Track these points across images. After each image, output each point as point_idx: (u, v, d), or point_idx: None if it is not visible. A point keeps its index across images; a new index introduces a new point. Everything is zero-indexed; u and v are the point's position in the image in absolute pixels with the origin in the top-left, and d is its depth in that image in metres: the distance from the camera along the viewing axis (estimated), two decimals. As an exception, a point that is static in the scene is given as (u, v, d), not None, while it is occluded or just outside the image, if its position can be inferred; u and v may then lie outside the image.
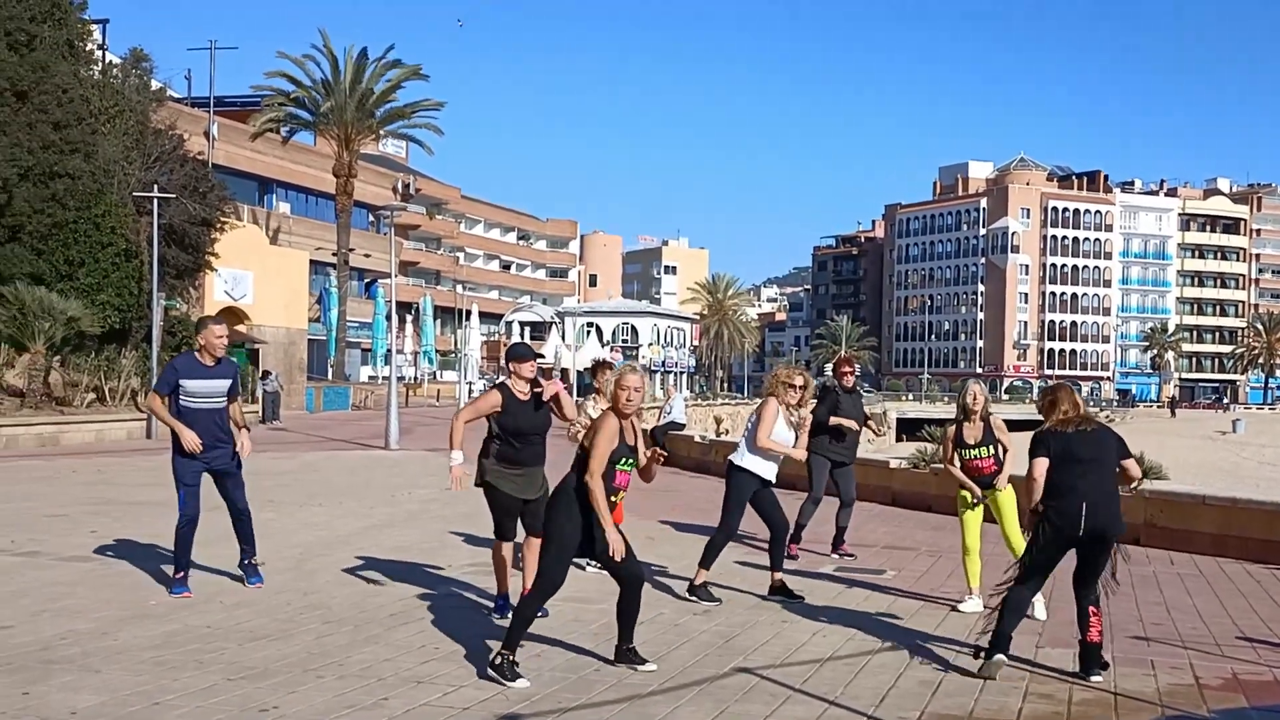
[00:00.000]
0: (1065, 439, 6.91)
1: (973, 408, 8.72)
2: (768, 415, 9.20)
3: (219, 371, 8.78)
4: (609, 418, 6.76)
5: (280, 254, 49.92)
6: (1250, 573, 10.82)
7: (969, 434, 8.76)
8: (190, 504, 8.75)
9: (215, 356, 8.76)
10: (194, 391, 8.65)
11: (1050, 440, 6.95)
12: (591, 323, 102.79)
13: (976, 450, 8.73)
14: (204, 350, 8.75)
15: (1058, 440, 6.92)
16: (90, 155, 31.55)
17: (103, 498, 15.31)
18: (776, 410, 9.22)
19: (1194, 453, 62.32)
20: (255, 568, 9.29)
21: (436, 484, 18.06)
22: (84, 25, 34.97)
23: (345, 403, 51.06)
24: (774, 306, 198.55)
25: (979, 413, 8.74)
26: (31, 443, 24.59)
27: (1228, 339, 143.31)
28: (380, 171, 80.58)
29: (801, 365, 10.44)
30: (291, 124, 56.79)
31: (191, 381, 8.65)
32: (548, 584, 6.61)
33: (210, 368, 8.74)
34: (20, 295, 27.01)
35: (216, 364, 8.78)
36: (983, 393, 8.85)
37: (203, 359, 8.74)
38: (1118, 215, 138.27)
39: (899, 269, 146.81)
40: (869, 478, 16.27)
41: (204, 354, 8.75)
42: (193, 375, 8.68)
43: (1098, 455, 6.93)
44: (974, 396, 8.74)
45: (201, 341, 8.78)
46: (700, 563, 9.15)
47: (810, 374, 9.80)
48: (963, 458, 8.76)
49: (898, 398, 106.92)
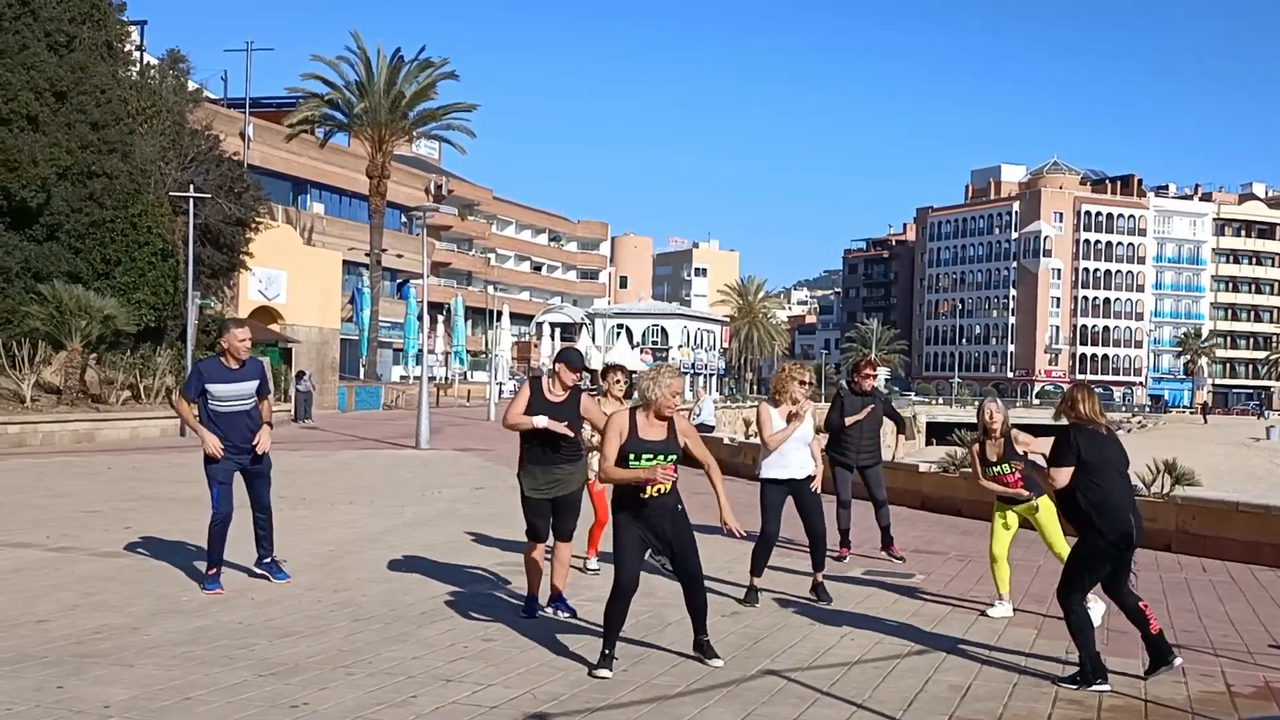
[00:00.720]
0: (1100, 443, 6.80)
1: (990, 426, 8.74)
2: (764, 417, 9.27)
3: (245, 373, 8.85)
4: (616, 415, 6.91)
5: (313, 254, 50.21)
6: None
7: (991, 451, 8.79)
8: (224, 502, 8.83)
9: (239, 359, 8.84)
10: (221, 395, 8.72)
11: (1076, 438, 6.80)
12: (622, 324, 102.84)
13: (1000, 467, 8.74)
14: (227, 354, 8.83)
15: (1091, 444, 6.79)
16: (128, 155, 31.85)
17: (137, 494, 15.46)
18: (769, 410, 9.25)
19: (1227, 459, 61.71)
20: (277, 564, 9.35)
21: (466, 484, 18.16)
22: (123, 26, 35.34)
23: (377, 402, 51.29)
24: (804, 309, 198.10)
25: (998, 430, 8.75)
26: (68, 439, 24.86)
27: (1262, 345, 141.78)
28: (413, 172, 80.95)
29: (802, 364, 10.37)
30: (326, 125, 57.12)
31: (218, 385, 8.72)
32: (618, 586, 6.77)
33: (236, 370, 8.81)
34: (58, 293, 27.29)
35: (241, 366, 8.85)
36: (1000, 411, 8.82)
37: (227, 362, 8.81)
38: (1151, 220, 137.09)
39: (930, 272, 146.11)
40: (898, 481, 16.23)
41: (228, 357, 8.82)
42: (218, 379, 8.75)
43: (1125, 459, 6.89)
44: (990, 415, 8.76)
45: (224, 345, 8.84)
46: (750, 570, 9.18)
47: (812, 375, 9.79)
48: (987, 475, 8.80)
49: (928, 402, 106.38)
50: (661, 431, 6.85)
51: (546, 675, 6.70)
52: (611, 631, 6.77)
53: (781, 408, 9.23)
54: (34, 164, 28.51)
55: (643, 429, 6.82)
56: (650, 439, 6.81)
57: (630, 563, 6.78)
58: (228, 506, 8.86)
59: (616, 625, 6.78)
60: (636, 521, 6.81)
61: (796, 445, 9.20)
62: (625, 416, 6.86)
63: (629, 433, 6.77)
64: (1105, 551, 6.74)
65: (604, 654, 6.75)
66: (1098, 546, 6.74)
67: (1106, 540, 6.70)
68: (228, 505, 8.86)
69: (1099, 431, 6.83)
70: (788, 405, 9.21)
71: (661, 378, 6.86)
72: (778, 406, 9.25)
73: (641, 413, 6.88)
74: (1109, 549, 6.73)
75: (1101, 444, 6.81)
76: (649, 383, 6.87)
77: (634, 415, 6.87)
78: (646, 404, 6.86)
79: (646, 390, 6.85)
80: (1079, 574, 6.85)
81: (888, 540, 11.52)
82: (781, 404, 9.24)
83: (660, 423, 6.86)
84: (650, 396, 6.82)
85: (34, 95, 28.87)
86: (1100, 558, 6.76)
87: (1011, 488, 8.72)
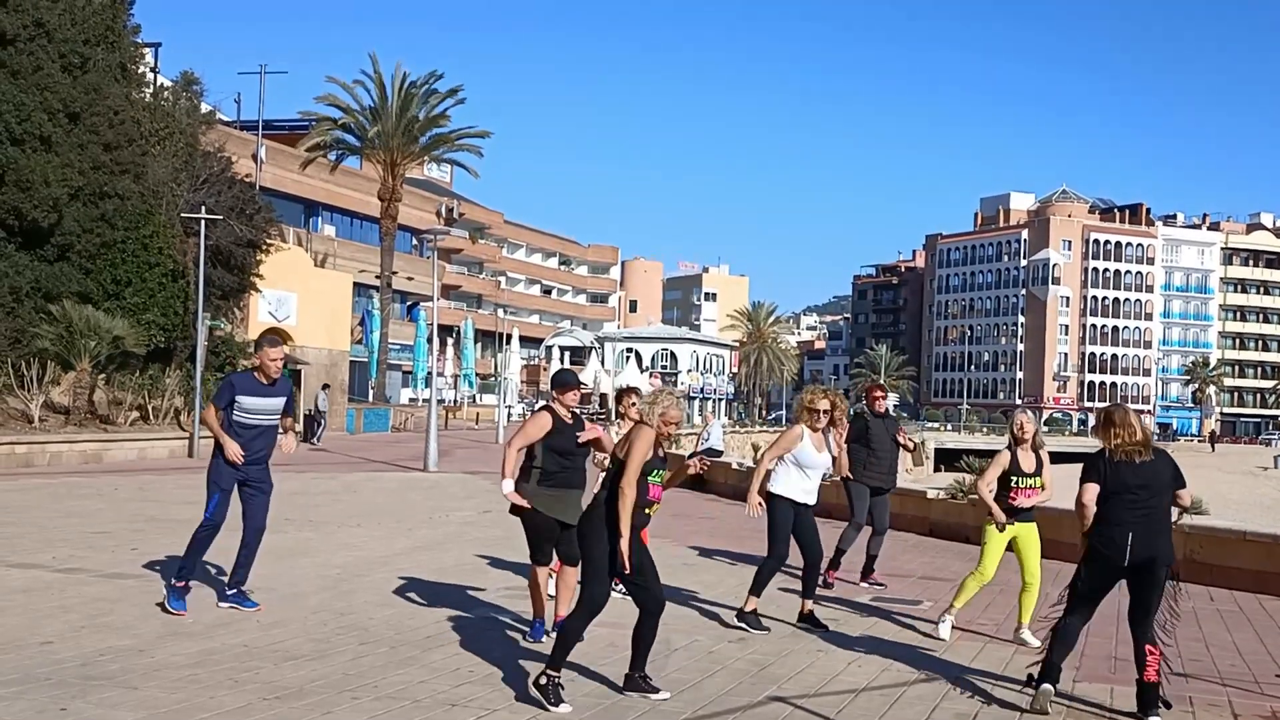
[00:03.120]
0: (1118, 467, 6.79)
1: (1021, 436, 8.75)
2: (783, 437, 9.26)
3: (275, 391, 8.93)
4: (644, 429, 6.76)
5: (323, 276, 50.34)
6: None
7: (1025, 462, 8.73)
8: (220, 510, 8.81)
9: (271, 377, 8.89)
10: (250, 409, 8.79)
11: (1103, 466, 6.82)
12: (631, 348, 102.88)
13: (1031, 479, 8.71)
14: (260, 370, 8.89)
15: (1111, 468, 6.80)
16: (140, 176, 32.01)
17: (145, 515, 15.47)
18: (800, 434, 9.21)
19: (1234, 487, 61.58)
20: (245, 594, 9.11)
21: (474, 507, 18.14)
22: (137, 48, 35.54)
23: (385, 424, 51.31)
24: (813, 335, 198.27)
25: (1029, 441, 8.76)
26: (75, 460, 24.89)
27: (1270, 374, 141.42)
28: (425, 195, 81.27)
29: (831, 388, 10.37)
30: (339, 149, 57.38)
31: (248, 399, 8.79)
32: (590, 603, 6.62)
33: (267, 386, 8.88)
34: (67, 314, 27.38)
35: (273, 384, 8.91)
36: (1030, 421, 8.87)
37: (260, 378, 8.88)
38: (1160, 248, 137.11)
39: (939, 299, 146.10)
40: (906, 508, 16.20)
41: (260, 373, 8.89)
42: (250, 393, 8.81)
43: (1150, 484, 6.81)
44: (1020, 426, 8.79)
45: (258, 361, 8.91)
46: (750, 590, 9.14)
47: (842, 398, 9.79)
48: (1017, 485, 8.71)
49: (936, 428, 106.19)
50: (659, 450, 6.88)
51: (552, 700, 6.67)
52: (564, 651, 6.56)
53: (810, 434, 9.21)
54: (46, 184, 28.66)
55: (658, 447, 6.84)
56: (658, 456, 6.83)
57: (606, 581, 6.70)
58: (222, 516, 8.83)
59: (572, 645, 6.63)
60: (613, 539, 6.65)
61: (818, 473, 9.22)
62: (651, 433, 6.75)
63: (654, 449, 6.75)
64: (1098, 568, 6.82)
65: (548, 674, 6.46)
66: (1090, 561, 6.85)
67: (1099, 555, 6.79)
68: (222, 514, 8.83)
69: (1129, 460, 6.78)
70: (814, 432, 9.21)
71: (658, 406, 6.82)
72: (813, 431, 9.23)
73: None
74: (1101, 564, 6.80)
75: (1124, 471, 6.77)
76: (647, 407, 6.87)
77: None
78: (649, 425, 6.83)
79: (645, 415, 6.83)
80: (1075, 586, 6.96)
81: (869, 569, 11.56)
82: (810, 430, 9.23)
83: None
84: (649, 422, 6.78)
85: (47, 116, 29.05)
86: (1092, 572, 6.85)
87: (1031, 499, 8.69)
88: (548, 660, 6.60)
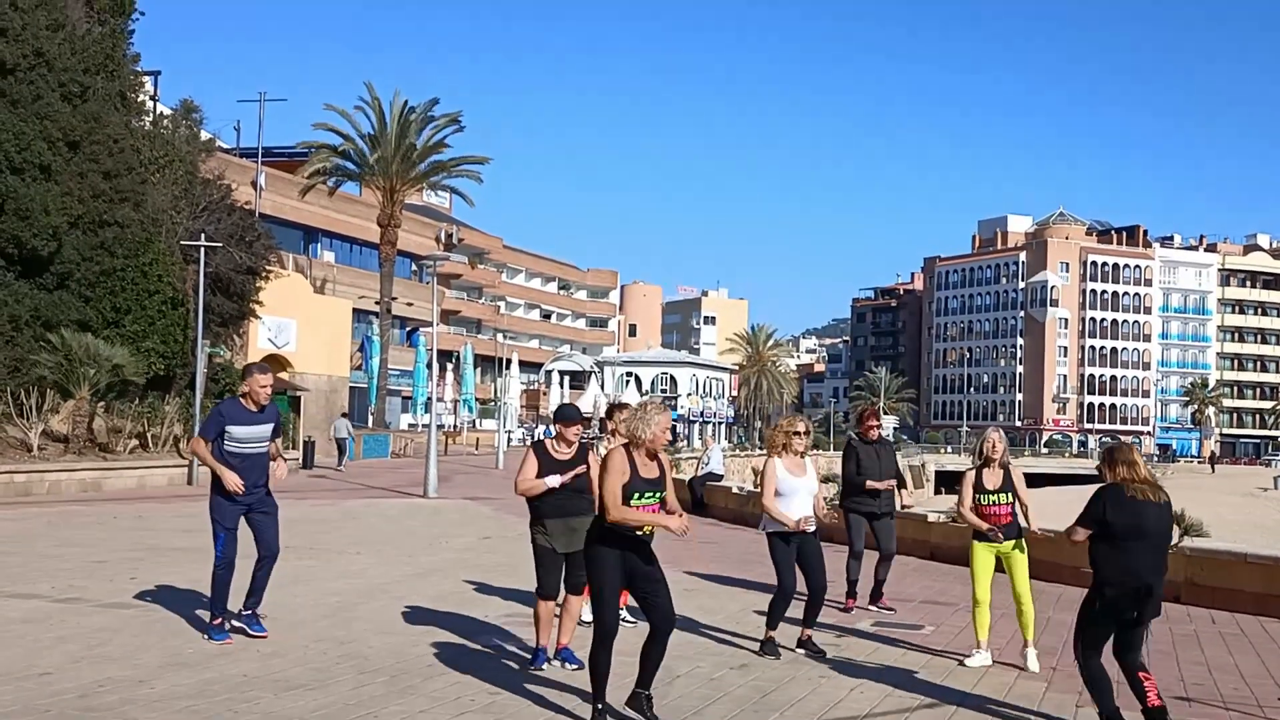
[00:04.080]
0: (1134, 508, 6.66)
1: (990, 455, 8.83)
2: (768, 475, 9.24)
3: (263, 417, 8.91)
4: (613, 453, 6.68)
5: (323, 302, 50.41)
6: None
7: (989, 480, 8.83)
8: (229, 548, 8.82)
9: (259, 404, 8.89)
10: (239, 437, 8.77)
11: (1102, 509, 6.70)
12: (631, 372, 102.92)
13: (995, 496, 8.77)
14: (248, 397, 8.88)
15: (1118, 508, 6.67)
16: (139, 204, 32.07)
17: (144, 544, 15.44)
18: (774, 467, 9.22)
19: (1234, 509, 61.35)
20: (258, 617, 9.15)
21: (474, 533, 18.12)
22: (137, 77, 35.68)
23: (385, 450, 51.28)
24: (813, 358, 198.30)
25: (998, 460, 8.84)
26: (74, 488, 24.86)
27: (1269, 395, 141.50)
28: (424, 221, 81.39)
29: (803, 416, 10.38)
30: (338, 175, 57.53)
31: (237, 427, 8.77)
32: (602, 630, 6.54)
33: (255, 413, 8.87)
34: (67, 342, 27.37)
35: (261, 410, 8.90)
36: (1001, 441, 8.96)
37: (247, 405, 8.87)
38: (1157, 270, 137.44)
39: (938, 321, 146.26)
40: (907, 531, 16.16)
41: (248, 400, 8.88)
42: (238, 421, 8.80)
43: (1161, 529, 6.75)
44: (992, 445, 8.87)
45: (246, 388, 8.90)
46: (767, 624, 9.15)
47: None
48: (979, 503, 8.79)
49: (936, 450, 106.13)
50: (654, 470, 6.73)
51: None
52: (600, 683, 6.56)
53: (785, 459, 9.23)
54: (46, 213, 28.71)
55: (641, 468, 6.67)
56: (647, 477, 6.67)
57: (613, 604, 6.64)
58: (232, 552, 8.85)
59: (604, 675, 6.57)
60: (620, 563, 6.59)
61: (803, 497, 9.19)
62: (622, 455, 6.64)
63: (630, 472, 6.61)
64: (1108, 613, 6.72)
65: (597, 710, 6.54)
66: (1099, 601, 6.74)
67: (1107, 597, 6.69)
68: (232, 551, 8.84)
69: (1133, 497, 6.69)
70: (791, 457, 9.23)
71: (649, 415, 6.72)
72: (782, 458, 9.24)
73: (635, 451, 6.72)
74: (1110, 610, 6.70)
75: (1130, 510, 6.66)
76: (637, 422, 6.73)
77: (629, 453, 6.69)
78: (637, 443, 6.71)
79: (636, 430, 6.69)
80: (1083, 627, 6.86)
81: (878, 593, 11.53)
82: (784, 456, 9.25)
83: (651, 461, 6.75)
84: (642, 436, 6.66)
85: (47, 145, 29.13)
86: (1102, 612, 6.74)
87: (1000, 520, 8.73)
88: (591, 698, 6.61)
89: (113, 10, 33.56)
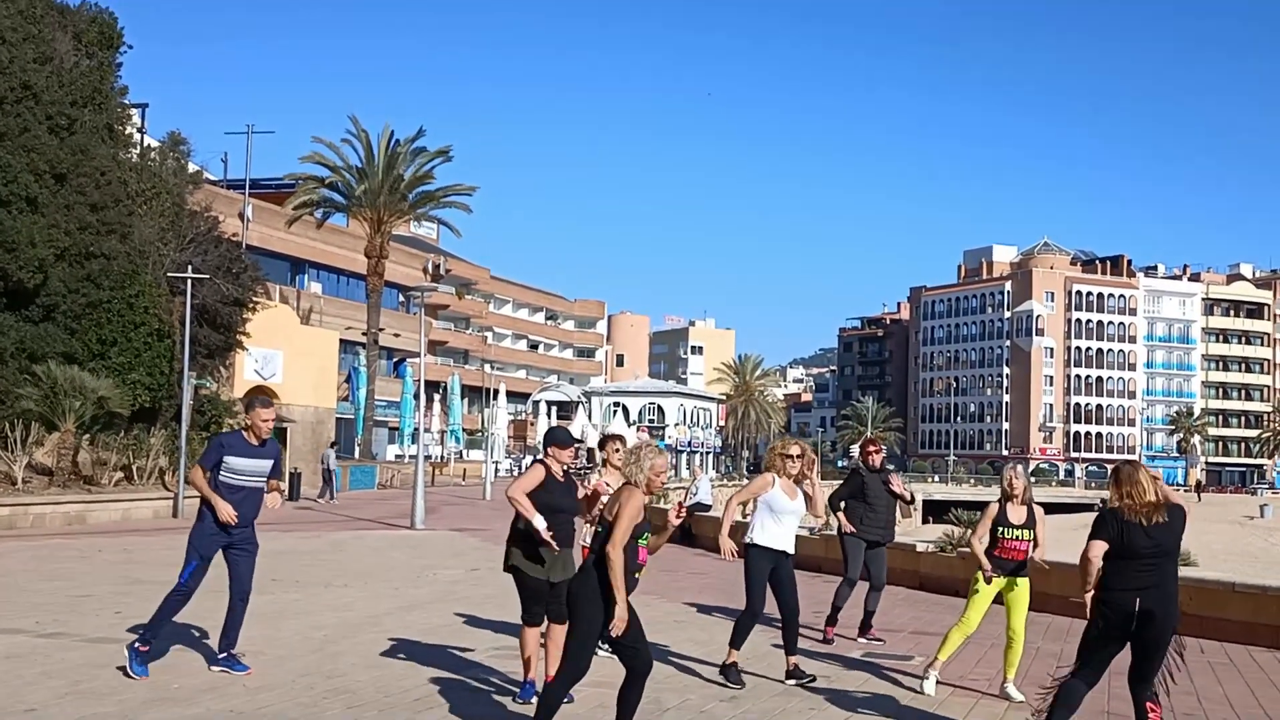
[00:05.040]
0: (1127, 528, 6.66)
1: (1012, 492, 8.83)
2: (754, 482, 9.32)
3: (264, 452, 8.88)
4: (636, 493, 6.53)
5: (310, 333, 50.34)
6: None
7: (1014, 515, 8.82)
8: (196, 578, 8.73)
9: (261, 438, 8.86)
10: (238, 469, 8.73)
11: (1112, 524, 6.70)
12: (618, 402, 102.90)
13: (1019, 531, 8.78)
14: (250, 430, 8.85)
15: (1125, 529, 6.66)
16: (126, 236, 32.03)
17: (129, 577, 15.34)
18: (770, 480, 9.26)
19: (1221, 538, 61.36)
20: (236, 657, 9.02)
21: (462, 565, 18.05)
22: (124, 109, 35.71)
23: (371, 482, 51.11)
24: (800, 387, 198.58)
25: (1020, 496, 8.84)
26: (59, 521, 24.71)
27: (1254, 423, 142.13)
28: (411, 252, 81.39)
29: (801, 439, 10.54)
30: (325, 207, 57.58)
31: (237, 459, 8.74)
32: (573, 668, 6.44)
33: (256, 447, 8.84)
34: (52, 374, 27.26)
35: (262, 444, 8.88)
36: (1020, 478, 8.95)
37: (249, 438, 8.84)
38: (1141, 299, 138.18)
39: (924, 351, 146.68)
40: (896, 561, 16.12)
41: (250, 434, 8.85)
42: (239, 453, 8.76)
43: (1162, 544, 6.70)
44: (1010, 482, 8.88)
45: (249, 421, 8.88)
46: (730, 643, 9.12)
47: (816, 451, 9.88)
48: (1004, 536, 8.78)
49: (924, 479, 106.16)
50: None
51: (542, 763, 6.60)
52: (549, 716, 6.42)
53: (781, 480, 9.27)
54: (32, 245, 28.66)
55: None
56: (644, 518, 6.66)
57: (592, 649, 6.49)
58: (196, 583, 8.74)
59: (555, 710, 6.44)
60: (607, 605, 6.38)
61: (792, 519, 9.23)
62: (641, 497, 6.52)
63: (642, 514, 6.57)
64: (1104, 631, 6.73)
65: None
66: (1098, 625, 6.75)
67: (1106, 620, 6.69)
68: (196, 582, 8.74)
69: (1134, 520, 6.66)
70: (785, 480, 9.27)
71: (644, 458, 6.66)
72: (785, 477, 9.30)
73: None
74: (1107, 629, 6.71)
75: (1132, 531, 6.64)
76: (633, 466, 6.65)
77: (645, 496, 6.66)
78: (634, 485, 6.61)
79: (632, 474, 6.62)
80: (1083, 649, 6.86)
81: (867, 625, 11.54)
82: (781, 477, 9.29)
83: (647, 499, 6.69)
84: (637, 480, 6.58)
85: (34, 177, 29.10)
86: (1099, 635, 6.75)
87: (1017, 556, 8.76)
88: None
89: (100, 43, 33.60)
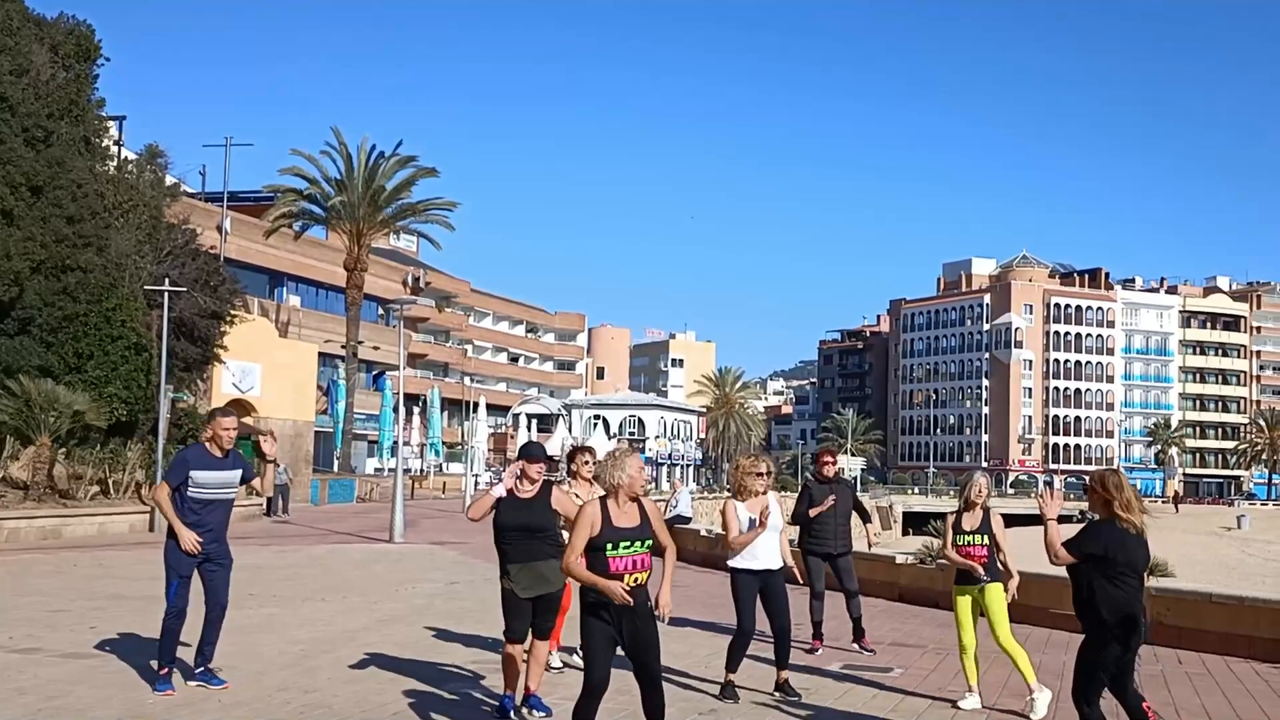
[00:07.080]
0: (1127, 542, 6.60)
1: (974, 500, 9.00)
2: (729, 517, 9.29)
3: (229, 463, 8.83)
4: (587, 506, 6.57)
5: (288, 346, 50.17)
6: (1259, 672, 10.72)
7: (967, 521, 8.99)
8: (181, 596, 8.69)
9: (224, 449, 8.81)
10: (204, 483, 8.68)
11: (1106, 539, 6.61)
12: (599, 415, 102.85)
13: (971, 536, 8.92)
14: (213, 441, 8.80)
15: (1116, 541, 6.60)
16: (103, 249, 31.87)
17: (104, 592, 15.23)
18: (734, 508, 9.29)
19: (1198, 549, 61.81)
20: (212, 672, 8.99)
21: (441, 579, 17.98)
22: (101, 121, 35.52)
23: (350, 495, 50.93)
24: (780, 399, 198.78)
25: (980, 504, 9.03)
26: (34, 536, 24.52)
27: (1231, 435, 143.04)
28: (391, 265, 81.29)
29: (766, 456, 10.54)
30: (304, 219, 57.42)
31: (202, 473, 8.69)
32: (590, 682, 6.41)
33: (220, 459, 8.79)
34: (27, 388, 27.08)
35: (225, 455, 8.82)
36: (987, 486, 9.21)
37: (212, 450, 8.79)
38: (1119, 312, 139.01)
39: (904, 363, 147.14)
40: (875, 573, 16.17)
41: (213, 445, 8.80)
42: (203, 466, 8.72)
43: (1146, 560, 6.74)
44: (979, 490, 9.04)
45: (210, 433, 8.83)
46: (726, 666, 9.14)
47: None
48: (957, 543, 8.96)
49: (904, 491, 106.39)
50: (635, 516, 6.54)
51: (520, 777, 6.58)
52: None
53: (748, 502, 9.26)
54: (7, 258, 28.48)
55: (616, 517, 6.49)
56: (625, 526, 6.48)
57: (602, 660, 6.44)
58: (184, 601, 8.71)
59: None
60: (607, 616, 6.43)
61: (769, 535, 9.19)
62: (596, 506, 6.51)
63: (602, 522, 6.44)
64: (1120, 655, 6.64)
65: None
66: (1104, 640, 6.64)
67: (1112, 634, 6.61)
68: (184, 600, 8.71)
69: (1127, 531, 6.64)
70: (752, 499, 9.26)
71: (621, 461, 6.60)
72: (744, 501, 9.28)
73: (611, 500, 6.56)
74: (1115, 643, 6.63)
75: (1129, 543, 6.62)
76: (611, 470, 6.59)
77: (605, 504, 6.54)
78: (614, 490, 6.56)
79: (610, 478, 6.57)
80: (1090, 670, 6.73)
81: (859, 632, 11.56)
82: (746, 499, 9.28)
83: (631, 505, 6.57)
84: (615, 482, 6.53)
85: (9, 190, 28.93)
86: (1109, 652, 6.65)
87: (975, 560, 8.84)
88: None
89: (78, 56, 33.45)
